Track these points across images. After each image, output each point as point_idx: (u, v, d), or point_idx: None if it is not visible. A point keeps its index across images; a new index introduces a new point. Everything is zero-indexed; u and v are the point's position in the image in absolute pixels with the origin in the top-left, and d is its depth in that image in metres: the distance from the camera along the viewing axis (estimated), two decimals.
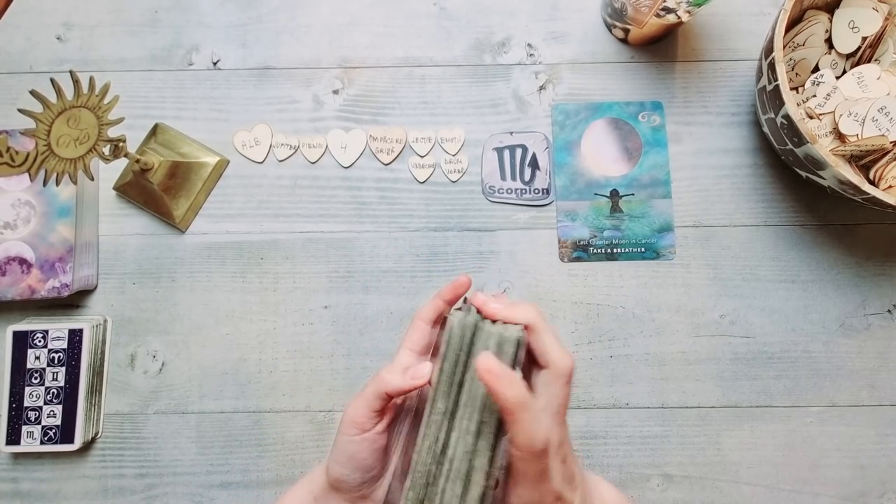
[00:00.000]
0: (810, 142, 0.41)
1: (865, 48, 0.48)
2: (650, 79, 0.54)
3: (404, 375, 0.31)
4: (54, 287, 0.47)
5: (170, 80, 0.54)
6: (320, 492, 0.34)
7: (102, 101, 0.39)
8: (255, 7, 0.55)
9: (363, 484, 0.33)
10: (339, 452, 0.32)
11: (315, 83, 0.54)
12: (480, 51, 0.54)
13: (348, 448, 0.32)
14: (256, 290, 0.51)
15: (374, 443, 0.32)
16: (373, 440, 0.32)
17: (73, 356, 0.47)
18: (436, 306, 0.35)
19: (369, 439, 0.32)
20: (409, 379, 0.31)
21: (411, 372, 0.32)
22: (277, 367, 0.50)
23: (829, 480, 0.48)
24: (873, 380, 0.49)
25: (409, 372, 0.32)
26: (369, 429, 0.32)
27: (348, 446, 0.32)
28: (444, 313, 0.36)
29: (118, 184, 0.51)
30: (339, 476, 0.32)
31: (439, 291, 0.36)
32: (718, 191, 0.52)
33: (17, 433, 0.47)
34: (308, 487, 0.34)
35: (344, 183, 0.53)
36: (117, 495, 0.48)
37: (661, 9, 0.46)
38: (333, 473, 0.32)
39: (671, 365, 0.50)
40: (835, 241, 0.51)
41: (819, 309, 0.50)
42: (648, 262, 0.51)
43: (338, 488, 0.33)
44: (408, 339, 0.34)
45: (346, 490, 0.33)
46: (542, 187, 0.52)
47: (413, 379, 0.31)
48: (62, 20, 0.54)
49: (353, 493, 0.33)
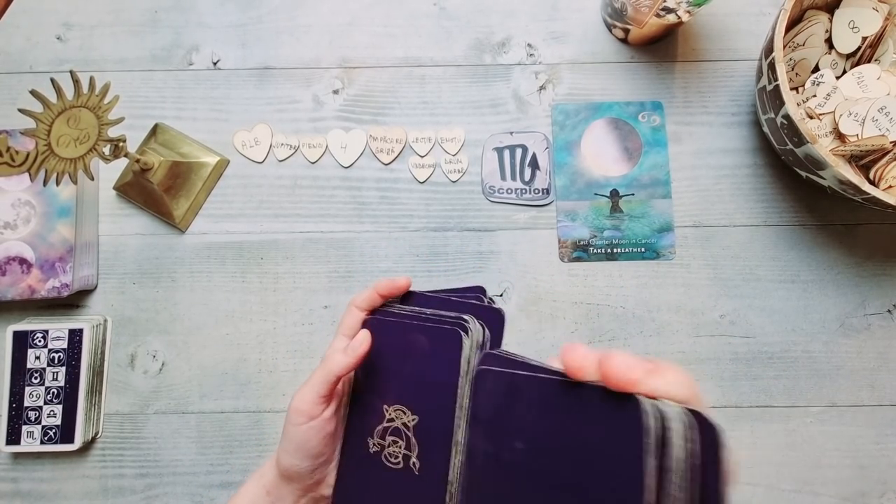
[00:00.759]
0: (810, 142, 0.41)
1: (865, 48, 0.48)
2: (650, 79, 0.54)
3: (345, 353, 0.32)
4: (54, 287, 0.47)
5: (170, 80, 0.54)
6: (272, 485, 0.34)
7: (102, 101, 0.39)
8: (255, 7, 0.55)
9: (314, 471, 0.33)
10: (287, 442, 0.33)
11: (315, 83, 0.54)
12: (480, 51, 0.54)
13: (297, 437, 0.32)
14: (256, 290, 0.51)
15: (322, 429, 0.32)
16: (321, 427, 0.32)
17: (73, 356, 0.47)
18: (370, 296, 0.36)
19: (317, 426, 0.32)
20: (350, 353, 0.32)
21: (350, 346, 0.33)
22: (277, 367, 0.50)
23: (829, 480, 0.48)
24: (873, 380, 0.49)
25: (349, 347, 0.33)
26: (317, 415, 0.32)
27: (297, 435, 0.32)
28: (376, 305, 0.37)
29: (118, 184, 0.51)
30: (289, 465, 0.33)
31: (377, 284, 0.36)
32: (718, 191, 0.52)
33: (17, 433, 0.47)
34: (259, 482, 0.35)
35: (344, 183, 0.53)
36: (117, 495, 0.48)
37: (661, 9, 0.46)
38: (283, 464, 0.33)
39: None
40: (835, 241, 0.51)
41: (819, 309, 0.50)
42: (648, 262, 0.51)
43: (289, 478, 0.33)
44: (342, 325, 0.36)
45: (298, 479, 0.33)
46: (542, 187, 0.52)
47: (354, 352, 0.32)
48: (62, 20, 0.54)
49: (306, 480, 0.33)
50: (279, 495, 0.34)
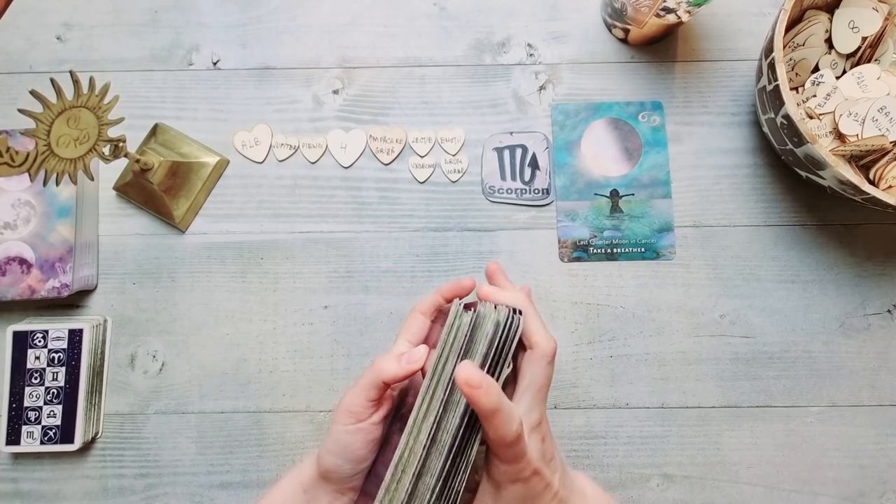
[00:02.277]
0: (810, 142, 0.41)
1: (865, 48, 0.48)
2: (650, 79, 0.54)
3: (399, 361, 0.32)
4: (54, 287, 0.47)
5: (170, 80, 0.54)
6: (309, 483, 0.34)
7: (102, 101, 0.39)
8: (255, 7, 0.55)
9: (354, 475, 0.33)
10: (332, 443, 0.32)
11: (315, 83, 0.54)
12: (480, 51, 0.54)
13: (343, 438, 0.32)
14: (256, 290, 0.51)
15: (369, 434, 0.32)
16: (367, 431, 0.32)
17: (73, 356, 0.47)
18: (434, 301, 0.36)
19: (364, 429, 0.32)
20: (404, 364, 0.32)
21: (406, 357, 0.32)
22: (277, 367, 0.50)
23: (829, 480, 0.48)
24: (873, 380, 0.49)
25: (404, 357, 0.32)
26: (365, 419, 0.32)
27: (343, 436, 0.32)
28: (441, 310, 0.37)
29: (118, 184, 0.51)
30: (330, 467, 0.32)
31: (441, 288, 0.37)
32: (718, 191, 0.52)
33: (17, 433, 0.47)
34: (297, 479, 0.34)
35: (344, 183, 0.53)
36: (117, 495, 0.48)
37: (661, 9, 0.46)
38: (325, 464, 0.32)
39: (671, 365, 0.50)
40: (835, 241, 0.51)
41: (819, 309, 0.50)
42: (648, 262, 0.51)
43: (328, 479, 0.33)
44: (405, 331, 0.35)
45: (337, 481, 0.33)
46: (542, 187, 0.52)
47: (408, 364, 0.32)
48: (62, 20, 0.54)
49: (345, 483, 0.33)
50: (315, 495, 0.33)
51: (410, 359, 0.32)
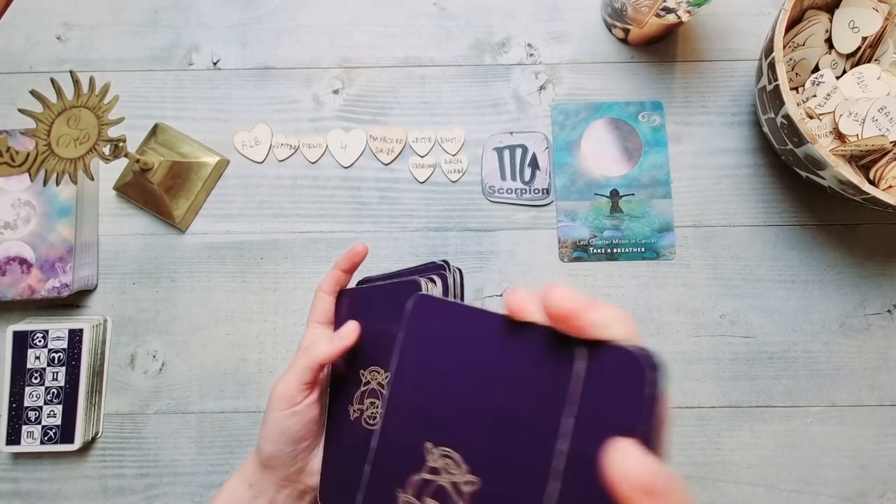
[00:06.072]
0: (810, 142, 0.41)
1: (865, 48, 0.48)
2: (650, 79, 0.54)
3: (332, 341, 0.33)
4: (54, 287, 0.47)
5: (170, 80, 0.54)
6: (253, 477, 0.34)
7: (102, 101, 0.39)
8: (255, 7, 0.55)
9: (296, 457, 0.33)
10: (269, 430, 0.33)
11: (315, 83, 0.54)
12: (480, 51, 0.54)
13: (280, 424, 0.33)
14: (256, 290, 0.51)
15: (305, 415, 0.33)
16: (304, 412, 0.33)
17: (73, 356, 0.47)
18: (334, 277, 0.37)
19: (301, 412, 0.33)
20: (337, 343, 0.33)
21: (338, 335, 0.33)
22: (277, 367, 0.50)
23: (829, 480, 0.48)
24: (873, 380, 0.49)
25: (336, 336, 0.33)
26: (300, 402, 0.33)
27: (280, 422, 0.33)
28: (342, 283, 0.37)
29: (118, 184, 0.51)
30: (271, 453, 0.33)
31: (336, 261, 0.37)
32: (718, 191, 0.52)
33: (17, 433, 0.47)
34: (241, 476, 0.35)
35: (344, 183, 0.53)
36: (117, 495, 0.48)
37: (661, 9, 0.46)
38: (265, 451, 0.33)
39: (671, 365, 0.50)
40: (835, 241, 0.51)
41: (819, 309, 0.50)
42: (648, 262, 0.51)
43: (271, 466, 0.33)
44: (314, 314, 0.36)
45: (280, 466, 0.33)
46: (542, 187, 0.52)
47: (340, 341, 0.33)
48: (62, 20, 0.54)
49: (288, 467, 0.33)
50: (261, 488, 0.34)
51: (342, 336, 0.33)
